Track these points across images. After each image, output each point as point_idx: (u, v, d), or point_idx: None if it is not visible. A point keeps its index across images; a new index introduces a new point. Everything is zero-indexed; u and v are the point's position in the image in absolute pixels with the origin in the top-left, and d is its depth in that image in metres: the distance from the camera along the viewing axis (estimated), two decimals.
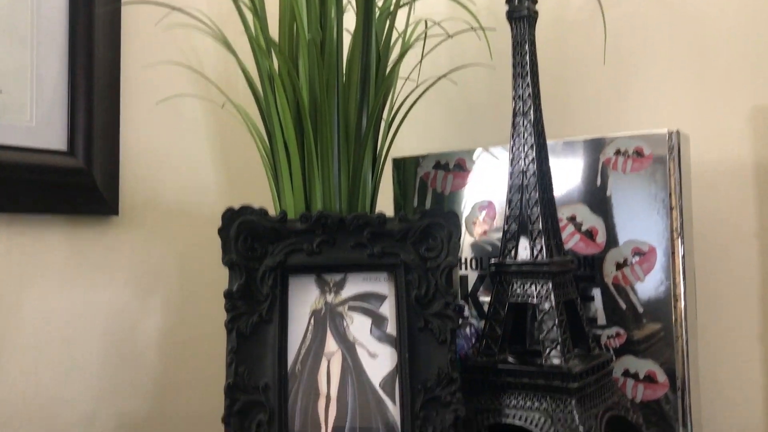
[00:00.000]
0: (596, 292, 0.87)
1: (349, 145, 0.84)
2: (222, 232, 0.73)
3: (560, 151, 0.90)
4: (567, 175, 0.89)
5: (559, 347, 0.71)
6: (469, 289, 0.96)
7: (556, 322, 0.72)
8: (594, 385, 0.73)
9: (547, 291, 0.74)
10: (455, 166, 0.98)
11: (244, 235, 0.73)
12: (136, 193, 0.98)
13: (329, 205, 0.79)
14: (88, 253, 0.92)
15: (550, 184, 0.80)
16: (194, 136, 1.07)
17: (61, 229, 0.90)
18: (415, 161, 1.02)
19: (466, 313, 0.84)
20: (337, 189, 0.81)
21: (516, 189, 0.79)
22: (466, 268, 0.96)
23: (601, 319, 0.87)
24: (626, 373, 0.85)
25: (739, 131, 0.99)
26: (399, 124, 0.88)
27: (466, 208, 0.97)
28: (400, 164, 1.03)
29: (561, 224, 0.84)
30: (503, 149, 0.95)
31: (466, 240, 0.97)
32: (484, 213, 0.96)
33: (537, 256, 0.75)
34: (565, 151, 0.90)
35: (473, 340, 0.80)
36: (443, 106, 1.22)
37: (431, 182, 1.01)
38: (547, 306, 0.73)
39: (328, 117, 0.79)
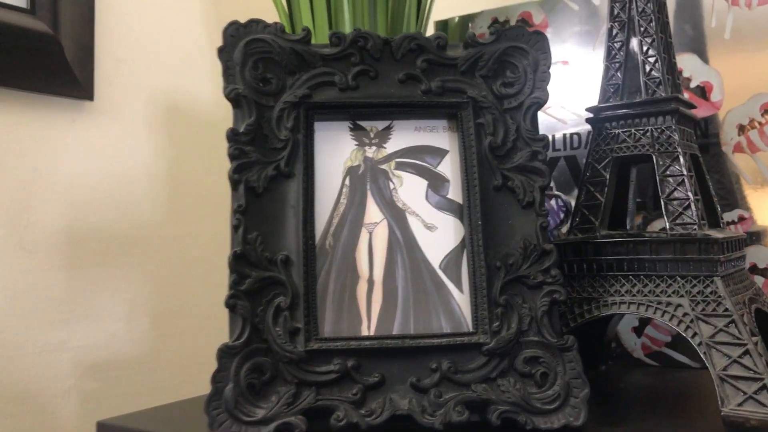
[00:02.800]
0: None
1: None
2: (223, 53, 0.52)
3: None
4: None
5: (692, 209, 0.51)
6: None
7: (686, 175, 0.52)
8: (733, 265, 0.53)
9: (669, 136, 0.54)
10: (519, 23, 0.78)
11: (254, 60, 0.53)
12: (115, 78, 0.78)
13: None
14: (56, 142, 0.72)
15: (666, 21, 0.59)
16: (186, 15, 0.86)
17: (22, 111, 0.70)
18: (464, 23, 0.81)
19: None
20: (371, 10, 0.61)
21: (620, 17, 0.59)
22: None
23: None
24: (753, 270, 0.65)
25: None
26: None
27: None
28: (443, 29, 0.83)
29: None
30: None
31: None
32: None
33: (653, 92, 0.55)
34: None
35: (561, 215, 0.60)
36: None
37: None
38: (669, 157, 0.53)
39: None
